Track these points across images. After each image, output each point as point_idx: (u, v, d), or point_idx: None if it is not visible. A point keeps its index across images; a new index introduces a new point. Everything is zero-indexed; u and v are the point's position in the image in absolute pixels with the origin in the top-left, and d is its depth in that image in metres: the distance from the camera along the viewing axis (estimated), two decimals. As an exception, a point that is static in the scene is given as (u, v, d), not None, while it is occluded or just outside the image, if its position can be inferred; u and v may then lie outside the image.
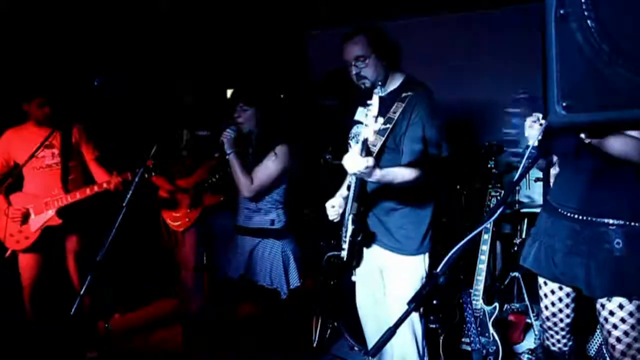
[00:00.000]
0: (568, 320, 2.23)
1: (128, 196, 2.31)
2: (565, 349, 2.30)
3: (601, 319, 2.05)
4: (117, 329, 3.88)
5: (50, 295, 3.32)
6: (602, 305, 2.02)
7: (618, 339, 1.99)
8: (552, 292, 2.22)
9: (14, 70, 3.52)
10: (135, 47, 4.13)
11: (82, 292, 2.92)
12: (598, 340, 2.64)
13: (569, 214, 2.08)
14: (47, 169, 3.21)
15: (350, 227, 2.35)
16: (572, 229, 2.06)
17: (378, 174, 2.01)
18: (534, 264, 2.23)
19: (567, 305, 2.21)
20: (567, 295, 2.20)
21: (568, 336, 2.28)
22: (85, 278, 3.17)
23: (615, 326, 1.99)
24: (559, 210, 2.13)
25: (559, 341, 2.29)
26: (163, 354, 3.58)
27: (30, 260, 3.23)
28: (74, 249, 3.28)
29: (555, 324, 2.26)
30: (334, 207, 2.51)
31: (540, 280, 2.28)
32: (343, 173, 2.60)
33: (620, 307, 1.98)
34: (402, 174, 2.15)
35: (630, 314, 1.97)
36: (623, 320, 1.98)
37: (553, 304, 2.23)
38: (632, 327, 1.97)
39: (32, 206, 3.18)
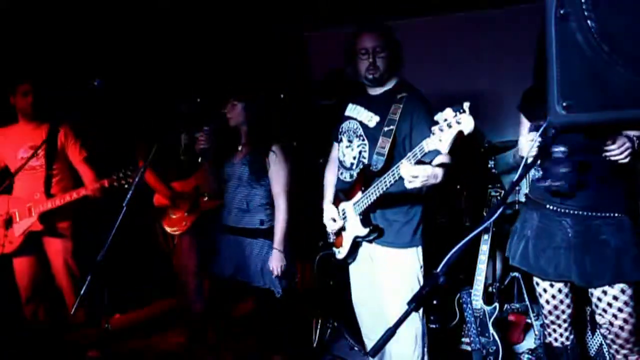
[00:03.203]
0: (569, 311, 2.27)
1: (128, 197, 2.30)
2: (568, 343, 2.32)
3: (601, 308, 2.11)
4: (117, 329, 3.88)
5: (48, 298, 3.32)
6: (604, 292, 2.08)
7: (625, 320, 2.07)
8: (551, 285, 2.25)
9: (3, 66, 3.46)
10: (133, 48, 4.12)
11: (82, 293, 2.92)
12: (598, 340, 2.64)
13: (558, 210, 2.12)
14: (31, 171, 3.11)
15: (362, 229, 2.37)
16: (562, 224, 2.11)
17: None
18: (522, 262, 2.27)
19: (566, 295, 2.25)
20: (561, 290, 2.24)
21: (570, 329, 2.31)
22: (73, 280, 3.18)
23: (620, 309, 2.07)
24: (547, 206, 2.15)
25: (561, 335, 2.31)
26: (163, 354, 3.58)
27: (23, 264, 3.20)
28: (57, 253, 3.20)
29: (557, 317, 2.28)
30: (335, 221, 2.52)
31: (535, 277, 2.31)
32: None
33: (622, 291, 2.06)
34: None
35: (631, 298, 2.06)
36: (626, 304, 2.06)
37: (554, 297, 2.26)
38: (634, 310, 2.06)
39: (17, 210, 3.12)
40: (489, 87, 4.04)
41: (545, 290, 2.28)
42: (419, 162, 2.06)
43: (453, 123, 1.87)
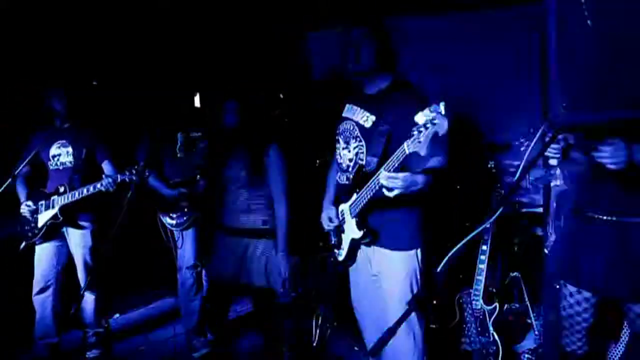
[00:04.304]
0: (585, 325, 2.20)
1: (128, 196, 2.32)
2: (580, 352, 2.25)
3: (632, 317, 2.02)
4: (117, 329, 3.88)
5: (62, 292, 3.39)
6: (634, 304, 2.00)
7: None
8: (571, 294, 2.19)
9: (37, 70, 3.64)
10: (132, 48, 4.13)
11: (82, 292, 2.94)
12: (621, 348, 2.55)
13: (595, 217, 2.05)
14: (61, 167, 3.34)
15: (356, 231, 2.36)
16: (599, 232, 2.04)
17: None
18: (555, 267, 2.21)
19: (585, 310, 2.17)
20: (587, 299, 2.16)
21: (584, 340, 2.23)
22: (89, 277, 3.26)
23: None
24: (586, 213, 2.09)
25: (574, 342, 2.26)
26: (163, 354, 3.58)
27: (42, 253, 3.34)
28: (77, 247, 3.34)
29: (571, 325, 2.23)
30: (332, 220, 2.52)
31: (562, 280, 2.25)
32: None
33: None
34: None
35: None
36: None
37: (571, 306, 2.19)
38: None
39: (43, 202, 3.30)
40: (489, 87, 4.04)
41: (566, 296, 2.20)
42: (404, 167, 2.04)
43: (429, 124, 1.85)
